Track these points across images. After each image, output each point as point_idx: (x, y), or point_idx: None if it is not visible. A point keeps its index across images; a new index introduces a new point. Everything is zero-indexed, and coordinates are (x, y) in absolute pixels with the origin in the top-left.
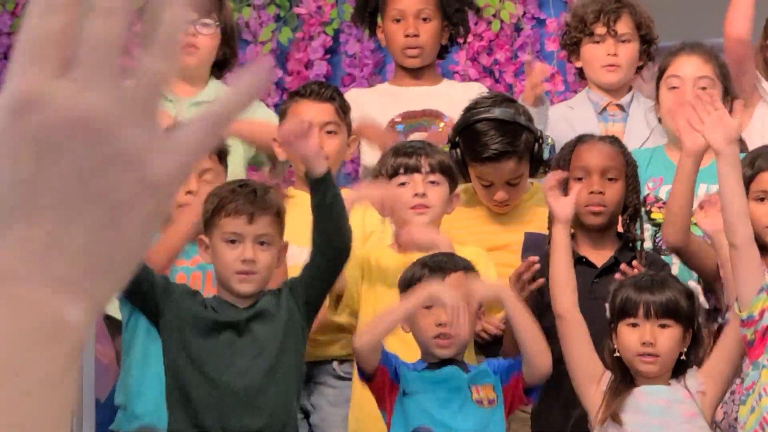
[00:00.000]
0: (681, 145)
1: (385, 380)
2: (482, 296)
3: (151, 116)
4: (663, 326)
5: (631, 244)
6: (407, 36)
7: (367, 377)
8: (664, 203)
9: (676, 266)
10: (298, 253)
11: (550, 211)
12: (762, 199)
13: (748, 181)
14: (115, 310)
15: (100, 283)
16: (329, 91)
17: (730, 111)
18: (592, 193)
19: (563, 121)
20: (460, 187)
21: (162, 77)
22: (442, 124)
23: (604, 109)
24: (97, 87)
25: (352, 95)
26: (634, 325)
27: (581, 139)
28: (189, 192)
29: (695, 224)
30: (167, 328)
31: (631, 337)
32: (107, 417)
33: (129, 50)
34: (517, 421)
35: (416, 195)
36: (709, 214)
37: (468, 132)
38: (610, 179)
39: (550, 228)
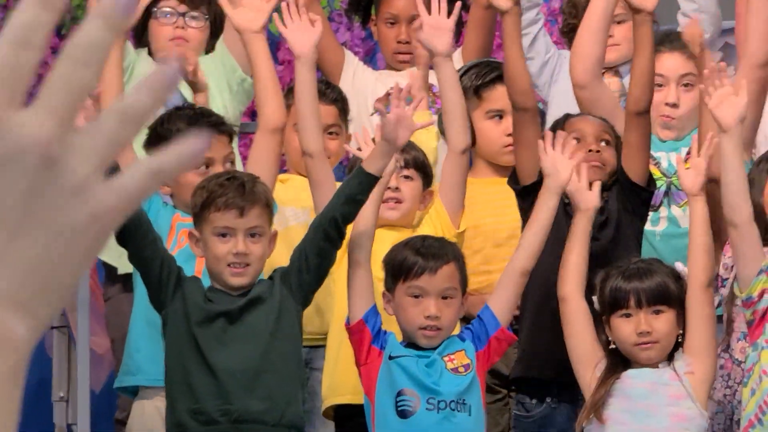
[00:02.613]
0: (717, 123)
1: (364, 334)
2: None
3: (100, 160)
4: (657, 312)
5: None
6: (399, 42)
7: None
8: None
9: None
10: (300, 214)
11: (573, 201)
12: None
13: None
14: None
15: (43, 304)
16: (334, 93)
17: None
18: (590, 151)
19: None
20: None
21: (121, 141)
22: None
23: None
24: (58, 120)
25: (352, 61)
26: (627, 315)
27: (570, 115)
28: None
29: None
30: (174, 316)
31: (626, 328)
32: (103, 407)
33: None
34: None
35: (389, 189)
36: (693, 168)
37: (477, 66)
38: (604, 142)
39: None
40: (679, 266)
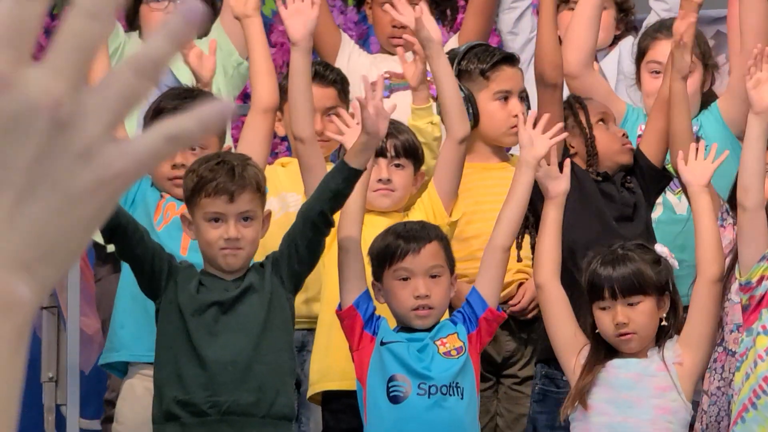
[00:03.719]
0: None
1: (356, 319)
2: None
3: (114, 120)
4: (632, 304)
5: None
6: (395, 27)
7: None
8: None
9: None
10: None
11: (543, 188)
12: None
13: None
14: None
15: (49, 268)
16: (333, 74)
17: (712, 83)
18: (624, 135)
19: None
20: None
21: (136, 95)
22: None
23: None
24: (68, 80)
25: (348, 44)
26: (604, 308)
27: (578, 97)
28: (175, 166)
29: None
30: (167, 306)
31: (605, 320)
32: (92, 388)
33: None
34: (509, 400)
35: (380, 181)
36: (702, 161)
37: (475, 49)
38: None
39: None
40: (658, 248)
